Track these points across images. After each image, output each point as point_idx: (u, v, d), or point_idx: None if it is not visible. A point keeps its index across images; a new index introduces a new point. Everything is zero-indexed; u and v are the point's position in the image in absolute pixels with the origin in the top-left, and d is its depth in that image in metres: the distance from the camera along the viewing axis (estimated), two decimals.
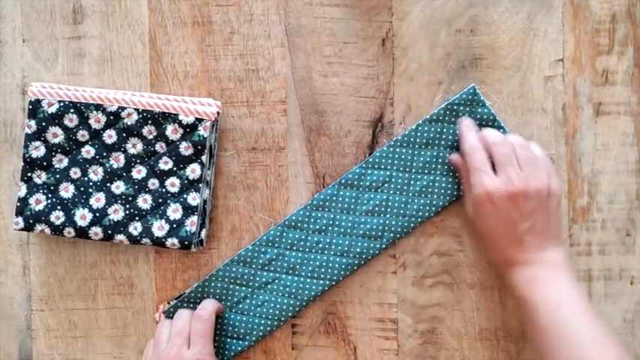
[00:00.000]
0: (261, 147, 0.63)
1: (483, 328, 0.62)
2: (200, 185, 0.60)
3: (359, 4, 0.62)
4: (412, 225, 0.61)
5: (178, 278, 0.62)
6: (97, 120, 0.60)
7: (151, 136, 0.60)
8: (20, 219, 0.59)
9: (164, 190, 0.60)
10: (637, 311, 0.62)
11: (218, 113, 0.60)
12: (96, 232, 0.59)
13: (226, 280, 0.61)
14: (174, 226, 0.60)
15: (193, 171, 0.60)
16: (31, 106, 0.60)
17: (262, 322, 0.61)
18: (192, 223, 0.59)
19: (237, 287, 0.61)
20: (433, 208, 0.61)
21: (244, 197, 0.63)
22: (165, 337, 0.56)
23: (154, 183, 0.60)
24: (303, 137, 0.63)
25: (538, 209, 0.55)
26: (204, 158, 0.60)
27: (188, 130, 0.60)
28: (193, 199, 0.60)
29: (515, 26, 0.62)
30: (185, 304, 0.61)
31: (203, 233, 0.61)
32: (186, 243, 0.59)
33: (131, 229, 0.60)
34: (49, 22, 0.63)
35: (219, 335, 0.61)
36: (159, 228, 0.60)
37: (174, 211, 0.60)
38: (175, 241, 0.59)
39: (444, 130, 0.61)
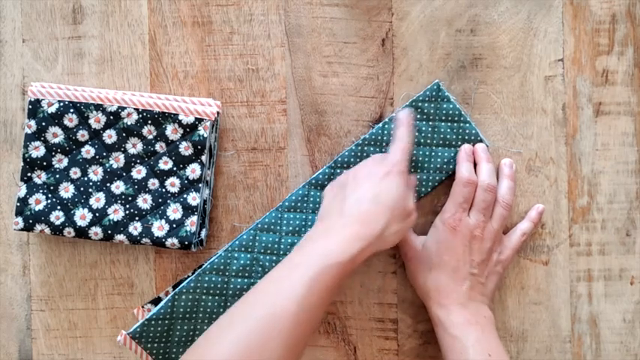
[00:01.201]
0: (261, 147, 0.63)
1: None
2: (200, 185, 0.60)
3: (359, 4, 0.62)
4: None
5: (178, 278, 0.62)
6: (96, 120, 0.60)
7: (150, 136, 0.60)
8: (20, 219, 0.59)
9: (164, 190, 0.60)
10: (637, 311, 0.62)
11: (218, 113, 0.60)
12: (96, 232, 0.59)
13: (197, 291, 0.59)
14: (174, 226, 0.60)
15: (193, 171, 0.60)
16: (30, 106, 0.60)
17: None
18: (192, 223, 0.59)
19: (210, 297, 0.59)
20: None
21: (244, 197, 0.63)
22: None
23: (153, 183, 0.60)
24: (303, 137, 0.63)
25: (486, 265, 0.58)
26: (204, 158, 0.60)
27: (188, 130, 0.60)
28: (193, 199, 0.60)
29: (515, 26, 0.62)
30: (154, 322, 0.59)
31: (203, 233, 0.61)
32: (186, 243, 0.59)
33: (131, 229, 0.60)
34: (49, 22, 0.63)
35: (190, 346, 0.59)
36: (159, 228, 0.60)
37: (174, 211, 0.60)
38: (175, 241, 0.59)
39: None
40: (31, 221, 0.59)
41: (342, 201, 0.54)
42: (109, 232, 0.59)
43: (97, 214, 0.60)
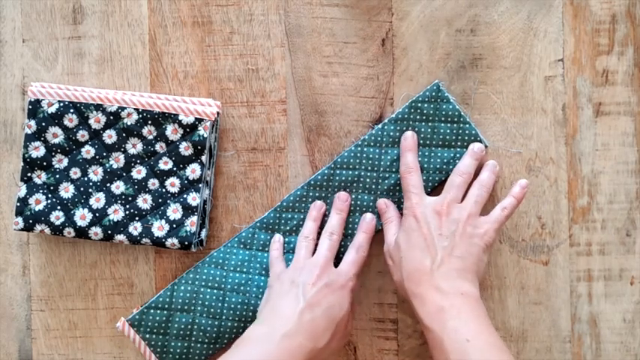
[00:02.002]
0: (261, 147, 0.63)
1: None
2: (200, 185, 0.60)
3: (359, 4, 0.62)
4: (381, 223, 0.61)
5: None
6: (96, 120, 0.60)
7: (150, 136, 0.60)
8: (20, 219, 0.59)
9: (164, 190, 0.60)
10: (637, 311, 0.62)
11: (218, 113, 0.60)
12: (96, 232, 0.59)
13: (197, 283, 0.60)
14: (174, 226, 0.60)
15: (193, 171, 0.60)
16: (30, 106, 0.60)
17: (235, 324, 0.60)
18: (192, 223, 0.59)
19: (209, 290, 0.60)
20: (401, 206, 0.61)
21: (244, 197, 0.63)
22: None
23: (153, 183, 0.60)
24: (303, 137, 0.63)
25: (460, 236, 0.54)
26: (204, 158, 0.60)
27: (188, 130, 0.60)
28: (193, 199, 0.60)
29: (515, 26, 0.62)
30: (152, 310, 0.60)
31: (203, 233, 0.61)
32: (186, 243, 0.59)
33: (131, 229, 0.60)
34: (49, 22, 0.63)
35: (188, 340, 0.60)
36: (159, 228, 0.60)
37: (174, 211, 0.60)
38: (175, 241, 0.59)
39: (410, 129, 0.61)
40: (31, 221, 0.59)
41: (292, 299, 0.54)
42: (109, 232, 0.59)
43: (97, 214, 0.60)
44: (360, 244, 0.59)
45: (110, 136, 0.60)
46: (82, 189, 0.60)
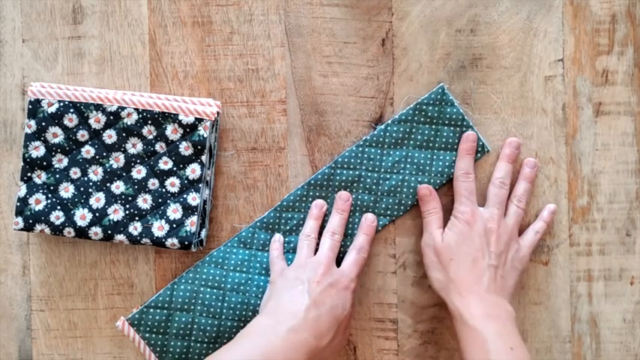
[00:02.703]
0: (261, 147, 0.63)
1: None
2: (200, 185, 0.60)
3: (359, 4, 0.62)
4: (381, 224, 0.61)
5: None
6: (96, 120, 0.60)
7: (150, 136, 0.60)
8: (20, 219, 0.59)
9: (164, 190, 0.60)
10: (637, 311, 0.62)
11: (218, 113, 0.60)
12: (96, 232, 0.59)
13: (196, 282, 0.60)
14: (174, 226, 0.59)
15: (193, 171, 0.60)
16: (30, 106, 0.60)
17: (235, 324, 0.60)
18: (192, 223, 0.59)
19: (209, 289, 0.60)
20: (402, 207, 0.61)
21: (244, 197, 0.63)
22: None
23: (153, 183, 0.60)
24: (303, 137, 0.63)
25: (505, 258, 0.57)
26: (204, 158, 0.60)
27: (188, 130, 0.60)
28: (193, 199, 0.60)
29: (515, 26, 0.62)
30: (152, 310, 0.60)
31: (203, 233, 0.61)
32: (186, 243, 0.59)
33: (131, 229, 0.60)
34: (48, 22, 0.63)
35: (188, 340, 0.60)
36: (159, 228, 0.60)
37: (174, 211, 0.60)
38: (175, 241, 0.59)
39: (413, 130, 0.61)
40: (31, 221, 0.59)
41: (298, 295, 0.54)
42: (109, 232, 0.59)
43: (97, 214, 0.60)
44: (362, 245, 0.59)
45: (110, 136, 0.60)
46: (82, 189, 0.60)
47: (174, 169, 0.60)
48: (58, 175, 0.60)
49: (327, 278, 0.56)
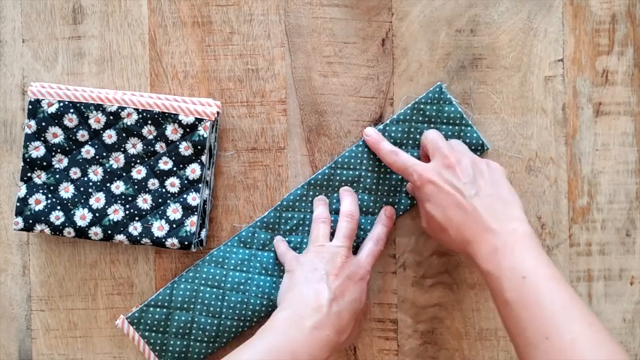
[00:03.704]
0: (261, 147, 0.63)
1: (483, 328, 0.62)
2: (200, 185, 0.60)
3: (359, 4, 0.62)
4: (404, 208, 0.61)
5: None
6: (96, 120, 0.60)
7: (150, 136, 0.60)
8: (20, 219, 0.59)
9: (164, 190, 0.60)
10: (637, 311, 0.62)
11: (218, 113, 0.60)
12: (96, 232, 0.59)
13: (196, 281, 0.60)
14: (174, 226, 0.59)
15: (193, 171, 0.60)
16: (30, 106, 0.60)
17: (234, 324, 0.60)
18: (192, 223, 0.59)
19: (209, 289, 0.60)
20: (402, 207, 0.61)
21: (244, 197, 0.63)
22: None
23: (153, 183, 0.60)
24: (303, 137, 0.63)
25: (480, 176, 0.53)
26: (204, 158, 0.60)
27: (188, 130, 0.60)
28: (193, 199, 0.60)
29: (515, 26, 0.62)
30: (152, 308, 0.60)
31: (203, 233, 0.61)
32: (186, 243, 0.59)
33: (131, 229, 0.60)
34: (48, 22, 0.63)
35: (187, 339, 0.60)
36: (159, 228, 0.60)
37: (174, 211, 0.60)
38: (175, 241, 0.59)
39: (412, 130, 0.61)
40: (31, 221, 0.59)
41: (318, 287, 0.54)
42: (109, 232, 0.59)
43: (97, 214, 0.60)
44: (380, 236, 0.59)
45: (110, 136, 0.60)
46: (82, 189, 0.60)
47: (174, 169, 0.60)
48: (58, 175, 0.60)
49: (345, 270, 0.55)
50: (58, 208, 0.60)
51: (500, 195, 0.53)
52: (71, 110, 0.60)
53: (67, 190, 0.60)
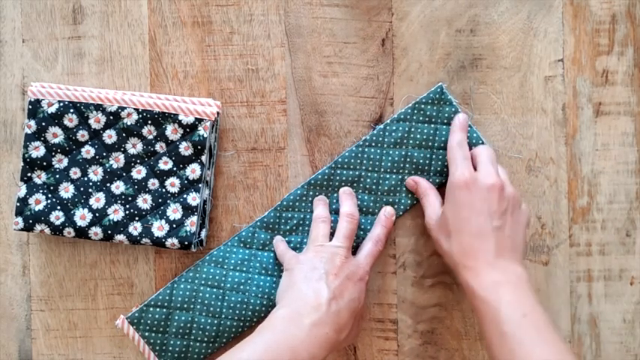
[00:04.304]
0: (261, 147, 0.63)
1: None
2: (200, 185, 0.60)
3: (359, 4, 0.62)
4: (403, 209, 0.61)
5: None
6: (96, 120, 0.60)
7: (150, 136, 0.60)
8: (20, 219, 0.59)
9: (164, 190, 0.60)
10: (637, 311, 0.62)
11: (218, 113, 0.60)
12: (96, 232, 0.59)
13: (196, 281, 0.60)
14: (174, 226, 0.59)
15: (193, 171, 0.60)
16: (30, 106, 0.60)
17: (234, 324, 0.60)
18: (192, 223, 0.59)
19: (209, 289, 0.60)
20: (402, 207, 0.61)
21: (244, 197, 0.63)
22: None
23: (153, 183, 0.60)
24: (303, 137, 0.63)
25: (510, 215, 0.55)
26: (204, 158, 0.60)
27: (188, 130, 0.60)
28: (193, 199, 0.60)
29: (515, 26, 0.62)
30: (152, 308, 0.60)
31: (203, 233, 0.61)
32: (186, 243, 0.59)
33: (131, 229, 0.60)
34: (48, 22, 0.63)
35: (187, 339, 0.60)
36: (159, 228, 0.60)
37: (174, 211, 0.60)
38: (175, 241, 0.59)
39: (412, 130, 0.61)
40: (31, 221, 0.59)
41: (317, 287, 0.54)
42: (109, 232, 0.59)
43: (97, 214, 0.60)
44: (379, 237, 0.59)
45: (110, 136, 0.60)
46: (82, 189, 0.60)
47: (174, 169, 0.60)
48: (58, 175, 0.60)
49: (345, 270, 0.55)
50: (58, 208, 0.60)
51: (514, 239, 0.55)
52: (71, 110, 0.60)
53: (67, 190, 0.60)
